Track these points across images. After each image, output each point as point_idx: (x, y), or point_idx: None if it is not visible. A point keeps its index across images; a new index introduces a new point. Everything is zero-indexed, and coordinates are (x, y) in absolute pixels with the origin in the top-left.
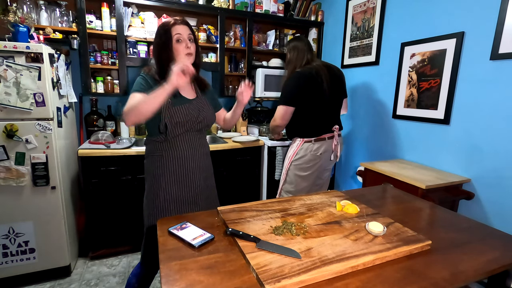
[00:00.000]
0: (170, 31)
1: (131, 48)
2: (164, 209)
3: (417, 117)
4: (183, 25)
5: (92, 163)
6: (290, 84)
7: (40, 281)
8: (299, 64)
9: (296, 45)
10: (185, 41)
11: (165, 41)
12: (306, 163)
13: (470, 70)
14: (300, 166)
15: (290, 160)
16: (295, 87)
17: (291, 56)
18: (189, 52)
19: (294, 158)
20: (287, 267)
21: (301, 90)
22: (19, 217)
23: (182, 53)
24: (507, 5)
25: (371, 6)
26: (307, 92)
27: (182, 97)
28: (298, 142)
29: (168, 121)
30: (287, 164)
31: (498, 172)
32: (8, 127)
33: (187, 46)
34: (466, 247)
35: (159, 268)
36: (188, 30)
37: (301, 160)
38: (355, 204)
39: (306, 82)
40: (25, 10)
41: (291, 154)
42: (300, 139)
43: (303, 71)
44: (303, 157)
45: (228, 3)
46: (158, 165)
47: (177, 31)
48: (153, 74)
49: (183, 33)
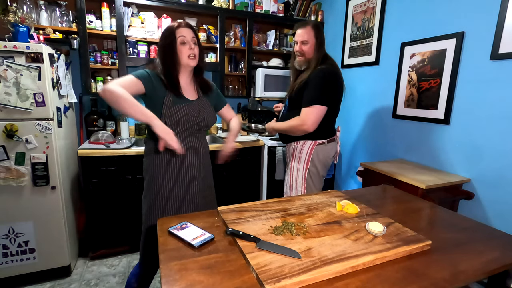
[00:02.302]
0: (175, 33)
1: (131, 48)
2: (162, 208)
3: (417, 117)
4: (188, 28)
5: (92, 163)
6: (329, 80)
7: (40, 281)
8: (322, 54)
9: (322, 31)
10: (189, 43)
11: (169, 43)
12: (322, 168)
13: (470, 70)
14: (315, 172)
15: (306, 168)
16: (334, 86)
17: (321, 38)
18: (193, 54)
19: (310, 165)
20: (287, 267)
21: (337, 89)
22: (19, 217)
23: (185, 55)
24: (507, 5)
25: (371, 6)
26: (338, 92)
27: (184, 97)
28: (310, 145)
29: (168, 119)
30: (304, 172)
31: (498, 172)
32: (8, 127)
33: (190, 47)
34: (466, 247)
35: (158, 267)
36: (192, 33)
37: (317, 165)
38: (355, 204)
39: (340, 81)
40: (25, 10)
41: (305, 161)
42: (311, 141)
43: (336, 69)
44: (319, 161)
45: (228, 3)
46: (156, 163)
47: (181, 33)
48: (157, 72)
49: (187, 36)
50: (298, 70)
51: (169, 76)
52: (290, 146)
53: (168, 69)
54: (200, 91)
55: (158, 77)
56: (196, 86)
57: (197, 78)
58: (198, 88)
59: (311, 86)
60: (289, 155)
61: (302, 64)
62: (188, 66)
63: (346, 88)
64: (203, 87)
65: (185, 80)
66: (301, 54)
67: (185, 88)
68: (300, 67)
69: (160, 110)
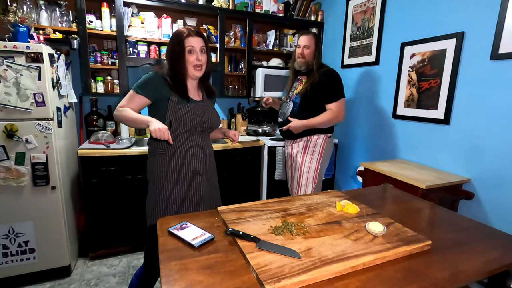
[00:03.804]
0: (184, 42)
1: (131, 48)
2: (166, 208)
3: (417, 117)
4: (197, 36)
5: (92, 163)
6: (339, 78)
7: (40, 281)
8: (321, 59)
9: (320, 41)
10: (197, 54)
11: (178, 51)
12: (328, 160)
13: (470, 70)
14: (323, 165)
15: (319, 160)
16: (341, 82)
17: (320, 46)
18: (199, 64)
19: (322, 158)
20: (287, 267)
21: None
22: (19, 217)
23: (191, 65)
24: (507, 5)
25: (371, 6)
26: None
27: (189, 98)
28: (323, 138)
29: (173, 118)
30: (317, 163)
31: (498, 172)
32: (8, 127)
33: (198, 58)
34: (466, 247)
35: None
36: (202, 42)
37: (326, 157)
38: (355, 204)
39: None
40: (25, 10)
41: (318, 154)
42: (324, 134)
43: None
44: (327, 153)
45: (228, 3)
46: (160, 163)
47: (190, 43)
48: (163, 74)
49: (196, 46)
50: (297, 70)
51: (176, 81)
52: (300, 141)
53: (176, 75)
54: (204, 94)
55: (164, 78)
56: (201, 89)
57: (203, 83)
58: (203, 91)
59: (331, 85)
60: (299, 150)
61: (301, 65)
62: (193, 75)
63: (346, 88)
64: (208, 91)
65: (191, 83)
66: (302, 57)
67: (190, 90)
68: (300, 67)
69: (165, 110)
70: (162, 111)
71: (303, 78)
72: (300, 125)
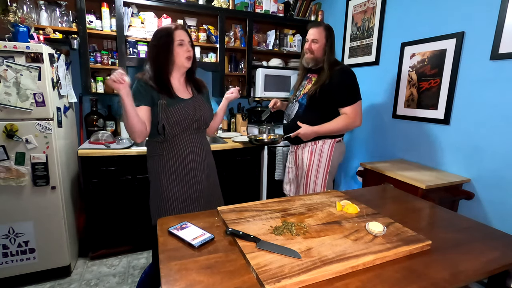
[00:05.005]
0: (173, 34)
1: (131, 48)
2: (168, 208)
3: (417, 117)
4: (184, 31)
5: (92, 163)
6: (355, 78)
7: (40, 281)
8: (334, 56)
9: (333, 34)
10: (186, 46)
11: (165, 43)
12: (337, 166)
13: (470, 70)
14: (332, 171)
15: (327, 167)
16: (356, 82)
17: (332, 41)
18: (190, 55)
19: (331, 165)
20: (287, 267)
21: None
22: (19, 217)
23: (182, 56)
24: (507, 5)
25: (371, 6)
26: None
27: (177, 97)
28: (330, 143)
29: (165, 122)
30: (325, 171)
31: (498, 172)
32: (8, 127)
33: (188, 50)
34: (466, 247)
35: None
36: (188, 37)
37: (335, 164)
38: (355, 204)
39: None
40: (25, 10)
41: (326, 160)
42: (331, 139)
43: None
44: (336, 159)
45: (228, 3)
46: (159, 164)
47: (180, 36)
48: (146, 80)
49: (185, 39)
50: (306, 68)
51: (159, 78)
52: (305, 147)
53: (159, 70)
54: (194, 89)
55: (148, 84)
56: (189, 85)
57: (190, 78)
58: (192, 87)
59: (346, 86)
60: (304, 158)
61: (309, 62)
62: (183, 67)
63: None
64: (197, 85)
65: (177, 80)
66: (310, 52)
67: (178, 88)
68: (307, 64)
69: (157, 113)
70: (155, 117)
71: (313, 77)
72: (310, 132)
